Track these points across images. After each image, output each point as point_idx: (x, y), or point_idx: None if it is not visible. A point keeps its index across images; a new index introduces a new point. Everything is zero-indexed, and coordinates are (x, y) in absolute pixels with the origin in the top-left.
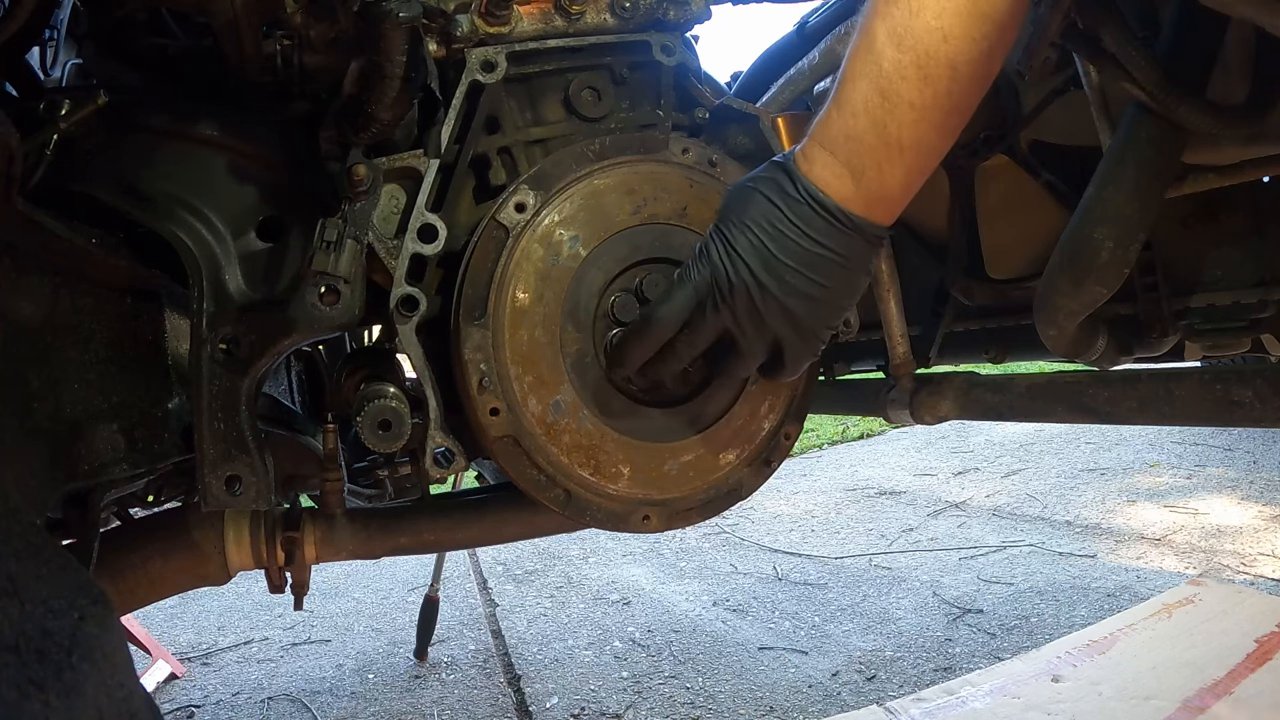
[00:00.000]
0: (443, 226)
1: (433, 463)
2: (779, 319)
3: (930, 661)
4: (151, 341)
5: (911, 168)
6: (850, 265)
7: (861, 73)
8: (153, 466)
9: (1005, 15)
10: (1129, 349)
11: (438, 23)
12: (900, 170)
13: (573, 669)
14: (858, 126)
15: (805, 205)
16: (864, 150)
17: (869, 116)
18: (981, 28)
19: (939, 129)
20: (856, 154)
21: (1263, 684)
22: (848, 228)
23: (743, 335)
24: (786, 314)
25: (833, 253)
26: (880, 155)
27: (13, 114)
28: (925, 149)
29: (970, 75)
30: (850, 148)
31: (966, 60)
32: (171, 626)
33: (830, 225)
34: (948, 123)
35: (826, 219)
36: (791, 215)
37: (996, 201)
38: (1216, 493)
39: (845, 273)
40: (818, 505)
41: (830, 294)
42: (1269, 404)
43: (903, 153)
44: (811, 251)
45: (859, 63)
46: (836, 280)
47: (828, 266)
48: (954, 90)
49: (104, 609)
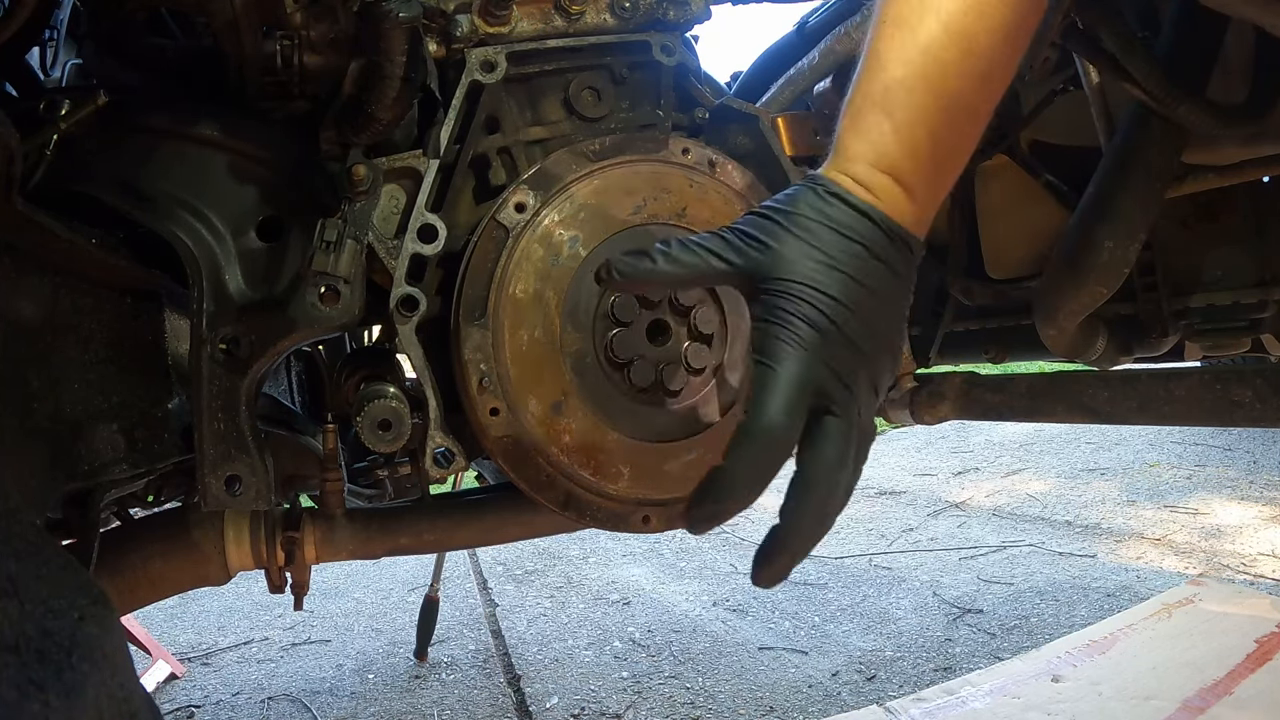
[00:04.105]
0: (443, 226)
1: (433, 463)
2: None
3: (930, 661)
4: (151, 341)
5: (952, 174)
6: (909, 286)
7: (918, 81)
8: (153, 466)
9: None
10: (1129, 349)
11: (438, 23)
12: (948, 177)
13: (573, 669)
14: (914, 137)
15: (868, 227)
16: (921, 162)
17: (931, 136)
18: (1012, 40)
19: (975, 136)
20: (914, 165)
21: (1263, 684)
22: (910, 251)
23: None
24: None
25: (907, 280)
26: (929, 167)
27: (13, 114)
28: (965, 156)
29: (1002, 79)
30: (909, 160)
31: (998, 64)
32: (171, 626)
33: (895, 249)
34: (976, 130)
35: (894, 243)
36: (865, 241)
37: (996, 201)
38: (1216, 493)
39: (907, 299)
40: None
41: (903, 325)
42: (1269, 404)
43: (952, 160)
44: (897, 283)
45: (912, 87)
46: (903, 307)
47: (904, 295)
48: (994, 94)
49: (104, 609)
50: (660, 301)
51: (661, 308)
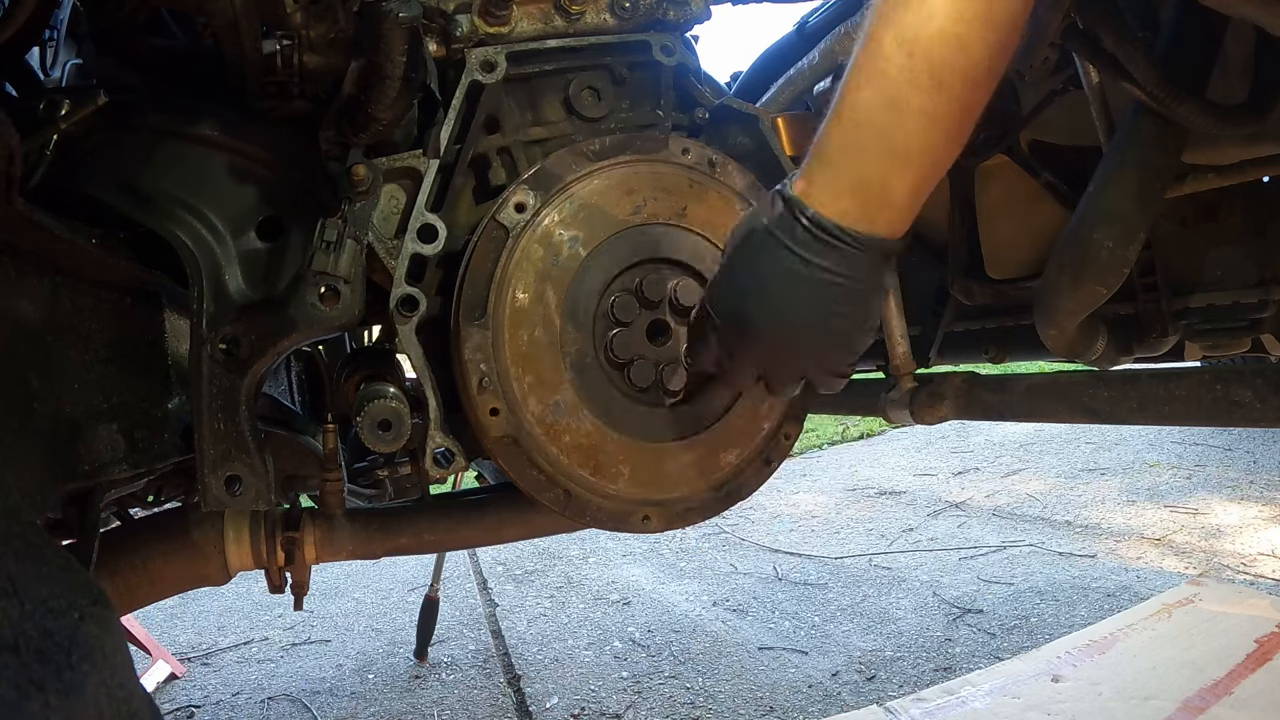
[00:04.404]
0: (442, 226)
1: (433, 463)
2: (783, 354)
3: (930, 661)
4: (151, 341)
5: (919, 176)
6: (855, 284)
7: (866, 82)
8: (153, 466)
9: (1017, 17)
10: (1129, 349)
11: (437, 23)
12: (908, 180)
13: (573, 669)
14: (861, 139)
15: (801, 229)
16: (868, 162)
17: (873, 127)
18: (994, 32)
19: (950, 135)
20: (859, 167)
21: (1263, 684)
22: (851, 246)
23: (732, 372)
24: (806, 350)
25: (835, 274)
26: (885, 166)
27: (13, 114)
28: (935, 156)
29: (981, 80)
30: (852, 161)
31: (980, 65)
32: (171, 626)
33: (828, 246)
34: (959, 129)
35: (826, 241)
36: (789, 242)
37: (996, 201)
38: (1216, 493)
39: (850, 293)
40: (818, 505)
41: (842, 321)
42: (1269, 404)
43: (910, 161)
44: (811, 278)
45: (863, 72)
46: (843, 303)
47: (831, 291)
48: (966, 96)
49: (104, 609)
50: (660, 301)
51: (661, 308)
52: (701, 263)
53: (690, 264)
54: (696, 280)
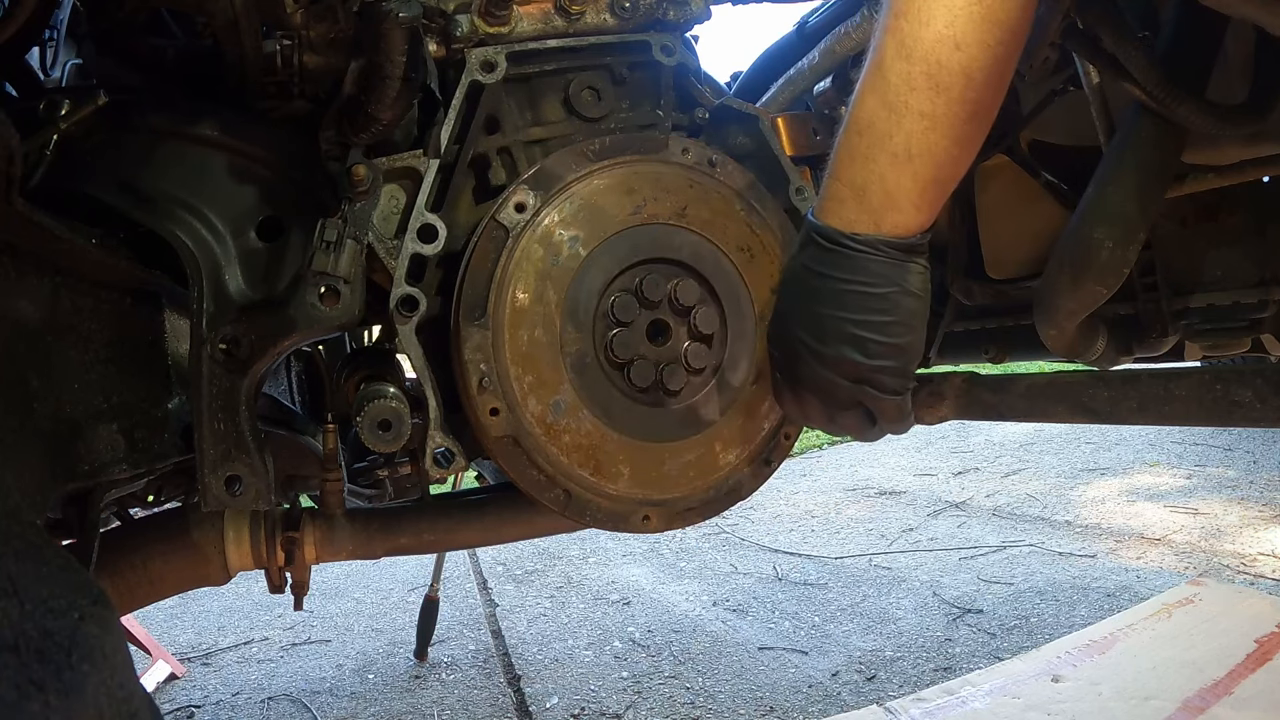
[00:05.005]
0: (442, 226)
1: (433, 463)
2: (835, 371)
3: (930, 661)
4: (151, 341)
5: (921, 175)
6: (872, 288)
7: (870, 89)
8: (153, 466)
9: (1017, 19)
10: (1129, 349)
11: (437, 23)
12: (908, 178)
13: (573, 669)
14: (863, 145)
15: (815, 245)
16: (870, 166)
17: (874, 132)
18: (994, 33)
19: (955, 137)
20: (862, 171)
21: (1263, 684)
22: (859, 250)
23: (798, 407)
24: (840, 364)
25: (850, 282)
26: (887, 167)
27: (13, 114)
28: (939, 157)
29: (985, 81)
30: (856, 167)
31: (980, 67)
32: (171, 626)
33: (839, 255)
34: (965, 130)
35: (835, 250)
36: (806, 260)
37: (996, 201)
38: (1216, 493)
39: (868, 297)
40: (818, 505)
41: (870, 329)
42: (1268, 404)
43: (910, 161)
44: (826, 289)
45: (867, 81)
46: (863, 310)
47: (848, 299)
48: (969, 97)
49: (104, 609)
50: (660, 301)
51: (662, 308)
52: (701, 263)
53: (690, 264)
54: (696, 280)
